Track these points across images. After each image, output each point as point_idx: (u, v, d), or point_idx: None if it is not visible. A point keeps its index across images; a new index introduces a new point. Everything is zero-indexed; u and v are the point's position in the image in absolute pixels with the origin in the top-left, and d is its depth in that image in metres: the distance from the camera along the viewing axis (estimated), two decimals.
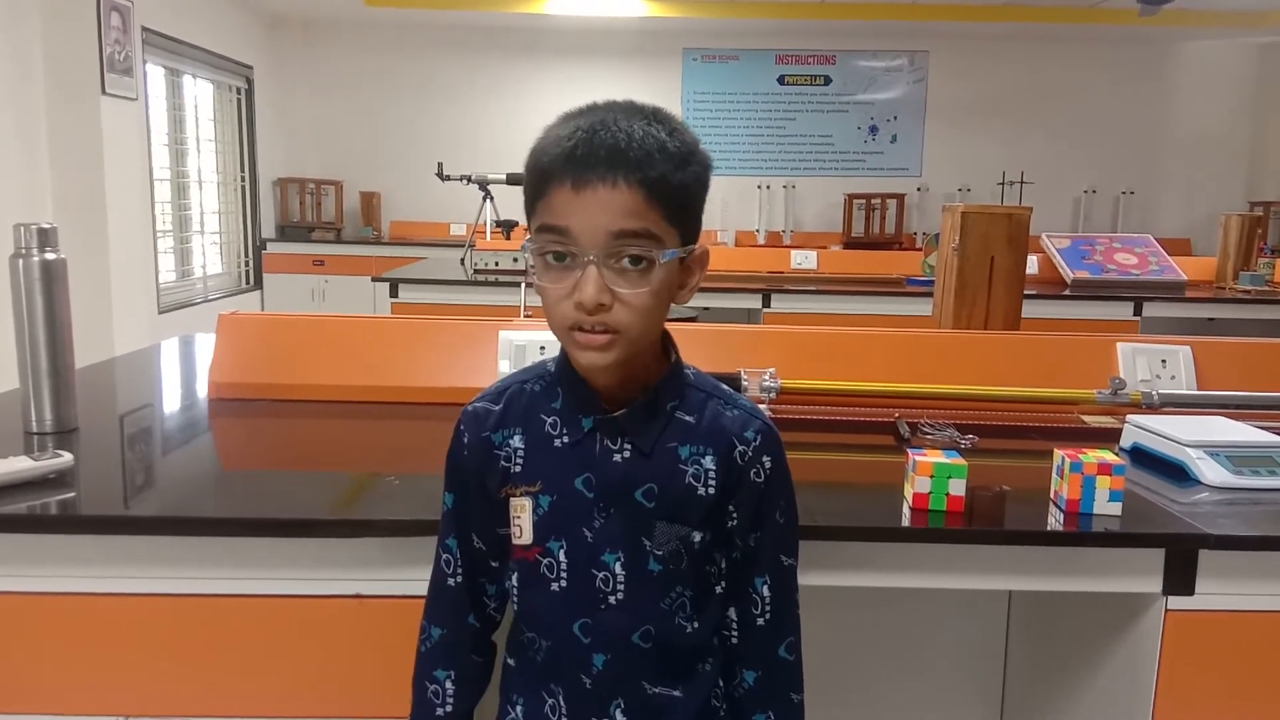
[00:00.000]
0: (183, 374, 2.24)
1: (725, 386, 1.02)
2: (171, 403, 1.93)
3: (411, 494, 1.30)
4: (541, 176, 0.90)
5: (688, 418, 0.97)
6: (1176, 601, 1.24)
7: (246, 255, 7.35)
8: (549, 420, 0.97)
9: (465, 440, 1.00)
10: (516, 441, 0.98)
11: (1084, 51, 7.71)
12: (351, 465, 1.56)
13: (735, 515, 0.98)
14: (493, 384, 1.03)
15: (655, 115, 0.91)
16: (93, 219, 4.83)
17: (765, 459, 0.98)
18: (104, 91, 4.86)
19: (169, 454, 1.60)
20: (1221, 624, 1.25)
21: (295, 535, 1.21)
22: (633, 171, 0.86)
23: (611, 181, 0.86)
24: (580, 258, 0.87)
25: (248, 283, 7.35)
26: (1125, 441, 1.61)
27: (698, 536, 0.96)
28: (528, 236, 0.93)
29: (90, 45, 4.79)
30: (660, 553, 0.95)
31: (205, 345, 2.30)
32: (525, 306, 3.20)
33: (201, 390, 1.90)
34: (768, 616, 1.01)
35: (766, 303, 4.18)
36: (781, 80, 7.92)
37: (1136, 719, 1.29)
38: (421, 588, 1.07)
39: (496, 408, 1.00)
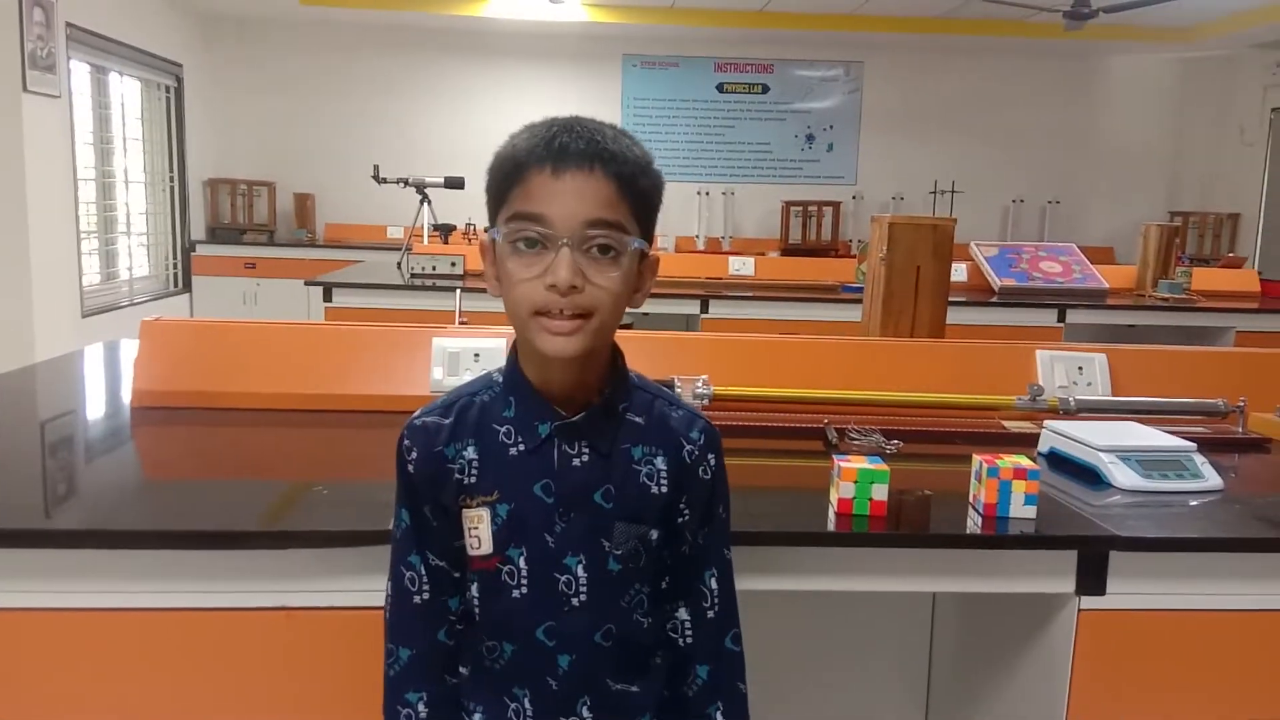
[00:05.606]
0: (107, 381, 2.19)
1: (666, 389, 1.05)
2: (95, 411, 1.88)
3: (342, 503, 1.29)
4: (517, 165, 0.92)
5: (637, 419, 0.99)
6: (1089, 601, 1.29)
7: (175, 257, 7.18)
8: (502, 429, 0.98)
9: (413, 456, 0.98)
10: (470, 453, 0.98)
11: (1013, 64, 7.91)
12: (280, 475, 1.55)
13: (686, 512, 1.01)
14: (438, 399, 1.02)
15: (616, 128, 0.95)
16: (13, 219, 4.69)
17: (710, 457, 1.01)
18: (25, 89, 4.71)
19: (91, 463, 1.57)
20: (1132, 622, 1.31)
21: (221, 547, 1.20)
22: (609, 163, 0.90)
23: (589, 169, 0.90)
24: (555, 241, 0.89)
25: (176, 286, 7.18)
26: (1043, 446, 1.67)
27: (655, 534, 0.99)
28: (494, 227, 0.94)
29: (11, 41, 4.64)
30: (619, 552, 0.98)
31: (131, 351, 2.24)
32: (460, 312, 3.18)
33: (126, 398, 1.86)
34: (717, 609, 1.04)
35: (705, 308, 4.21)
36: (720, 88, 8.00)
37: (1053, 714, 1.34)
38: (351, 599, 1.06)
39: (447, 421, 0.98)
